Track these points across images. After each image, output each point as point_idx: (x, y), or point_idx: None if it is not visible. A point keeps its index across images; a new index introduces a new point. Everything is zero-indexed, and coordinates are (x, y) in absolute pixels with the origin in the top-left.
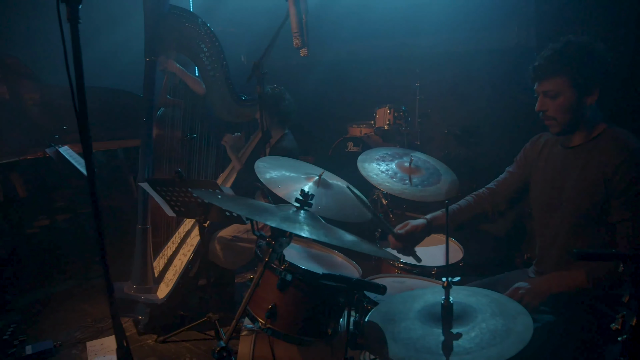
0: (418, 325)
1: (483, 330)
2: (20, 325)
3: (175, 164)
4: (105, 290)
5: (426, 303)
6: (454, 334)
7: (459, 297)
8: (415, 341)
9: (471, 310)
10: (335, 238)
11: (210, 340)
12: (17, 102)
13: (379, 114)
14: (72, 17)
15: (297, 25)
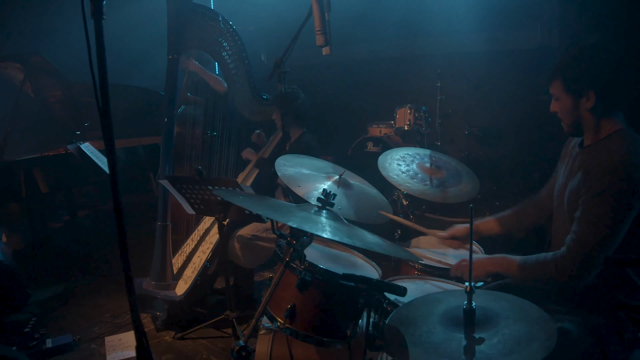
0: (440, 329)
1: (506, 336)
2: (41, 318)
3: (196, 161)
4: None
5: (448, 307)
6: (476, 339)
7: (481, 301)
8: (436, 346)
9: (493, 316)
10: (359, 239)
11: (227, 338)
12: (40, 99)
13: (399, 114)
14: (96, 13)
15: (320, 24)
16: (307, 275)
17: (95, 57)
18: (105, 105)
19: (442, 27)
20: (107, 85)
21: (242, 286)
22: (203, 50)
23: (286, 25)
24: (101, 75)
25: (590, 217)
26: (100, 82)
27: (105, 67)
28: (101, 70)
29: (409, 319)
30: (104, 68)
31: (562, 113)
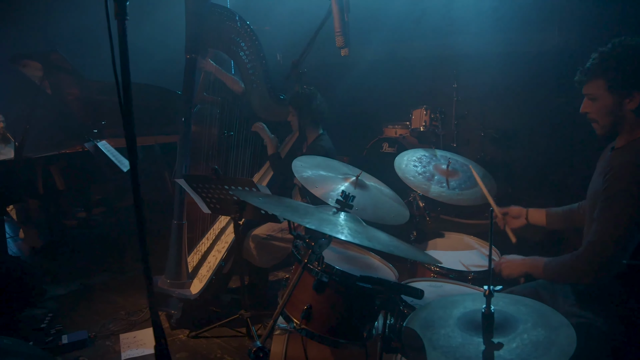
0: (458, 333)
1: (525, 341)
2: (57, 314)
3: (212, 161)
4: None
5: (466, 310)
6: (494, 344)
7: (500, 305)
8: (455, 349)
9: (512, 320)
10: (378, 242)
11: (241, 337)
12: (58, 96)
13: (415, 115)
14: (120, 13)
15: (339, 25)
16: (324, 277)
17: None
18: (127, 105)
19: (459, 28)
20: (129, 84)
21: (257, 286)
22: (220, 49)
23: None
24: (124, 74)
25: (606, 216)
26: (123, 81)
27: (128, 66)
28: (124, 70)
29: (427, 322)
30: (127, 68)
31: (597, 114)
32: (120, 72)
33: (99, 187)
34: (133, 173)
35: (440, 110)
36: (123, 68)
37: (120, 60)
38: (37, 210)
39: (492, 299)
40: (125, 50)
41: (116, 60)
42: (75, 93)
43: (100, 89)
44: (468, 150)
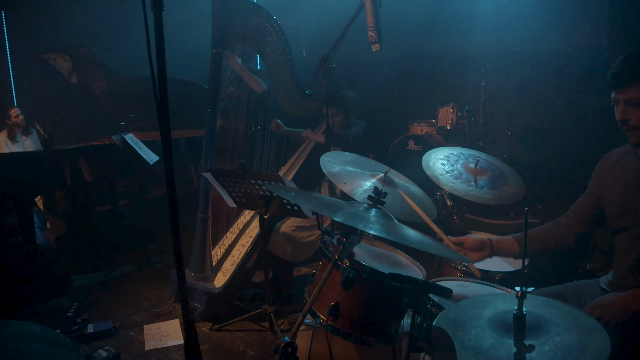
0: (489, 334)
1: (557, 344)
2: (82, 304)
3: (238, 155)
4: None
5: (496, 311)
6: (526, 347)
7: (531, 307)
8: (485, 351)
9: (544, 322)
10: (411, 239)
11: (264, 331)
12: (87, 90)
13: (441, 113)
14: (157, 5)
15: (373, 19)
16: (352, 273)
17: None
18: (163, 98)
19: (488, 25)
20: (165, 77)
21: (280, 281)
22: (247, 44)
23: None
24: (160, 67)
25: None
26: (159, 74)
27: (164, 59)
28: (160, 63)
29: (457, 322)
30: (163, 61)
31: None
32: (156, 65)
33: (124, 179)
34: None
35: (467, 109)
36: (159, 61)
37: (156, 53)
38: (63, 201)
39: (526, 300)
40: (161, 42)
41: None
42: (103, 86)
43: (127, 82)
44: (495, 150)
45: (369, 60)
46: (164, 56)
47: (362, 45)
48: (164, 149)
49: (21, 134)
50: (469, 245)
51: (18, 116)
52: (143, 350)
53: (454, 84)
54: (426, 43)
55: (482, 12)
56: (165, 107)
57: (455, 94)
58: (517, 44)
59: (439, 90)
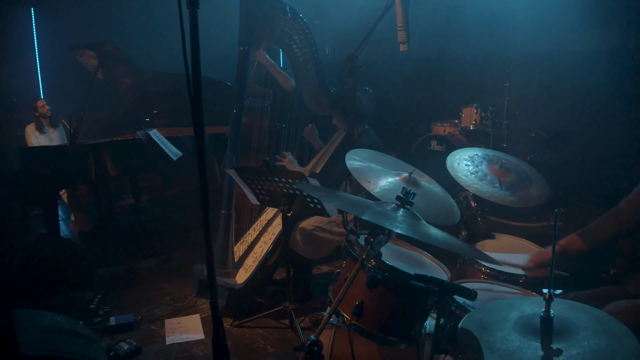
0: (515, 336)
1: (585, 348)
2: (105, 297)
3: (262, 152)
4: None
5: (523, 313)
6: (553, 350)
7: (558, 310)
8: (512, 353)
9: (571, 326)
10: (438, 239)
11: (284, 329)
12: (112, 85)
13: (465, 113)
14: (192, 3)
15: (402, 19)
16: (378, 273)
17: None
18: (197, 95)
19: (512, 25)
20: (199, 75)
21: (300, 279)
22: (273, 42)
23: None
24: (194, 65)
25: None
26: (193, 72)
27: (199, 57)
28: (194, 60)
29: (482, 324)
30: (198, 58)
31: None
32: (190, 62)
33: (147, 175)
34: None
35: (490, 109)
36: (194, 58)
37: (191, 50)
38: (87, 195)
39: (553, 304)
40: (196, 40)
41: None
42: (128, 82)
43: (152, 79)
44: (518, 151)
45: (392, 59)
46: (198, 54)
47: (385, 44)
48: (197, 145)
49: (48, 126)
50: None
51: (44, 106)
52: (164, 344)
53: (477, 84)
54: (449, 42)
55: (506, 11)
56: (199, 105)
57: (479, 95)
58: (543, 44)
59: (461, 91)
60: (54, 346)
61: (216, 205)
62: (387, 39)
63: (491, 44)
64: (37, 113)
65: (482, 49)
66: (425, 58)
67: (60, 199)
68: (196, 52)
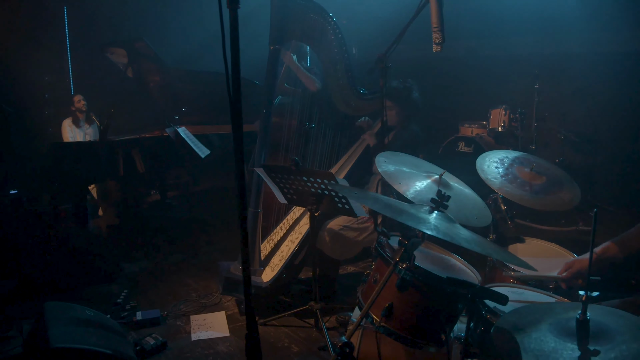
0: (550, 338)
1: (624, 352)
2: (131, 291)
3: (290, 151)
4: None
5: (557, 318)
6: (591, 351)
7: (593, 315)
8: (547, 354)
9: (608, 330)
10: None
11: (309, 328)
12: (141, 83)
13: (493, 115)
14: (233, 3)
15: (437, 20)
16: (409, 276)
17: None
18: (236, 95)
19: (543, 26)
20: (239, 74)
21: (326, 278)
22: (303, 42)
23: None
24: (234, 64)
25: None
26: (232, 71)
27: (238, 56)
28: (234, 60)
29: (517, 326)
30: (237, 57)
31: None
32: (230, 62)
33: (174, 171)
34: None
35: (520, 111)
36: (233, 58)
37: (230, 50)
38: (115, 190)
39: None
40: (236, 40)
41: (227, 51)
42: (156, 80)
43: (180, 77)
44: (547, 154)
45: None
46: (238, 53)
47: (412, 44)
48: (235, 144)
49: (84, 121)
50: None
51: (80, 101)
52: (189, 340)
53: (507, 86)
54: (478, 43)
55: (536, 13)
56: (239, 105)
57: (508, 96)
58: (574, 45)
59: (490, 92)
60: (83, 339)
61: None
62: (415, 38)
63: (521, 44)
64: (74, 107)
65: (511, 49)
66: (454, 58)
67: (89, 193)
68: (236, 52)
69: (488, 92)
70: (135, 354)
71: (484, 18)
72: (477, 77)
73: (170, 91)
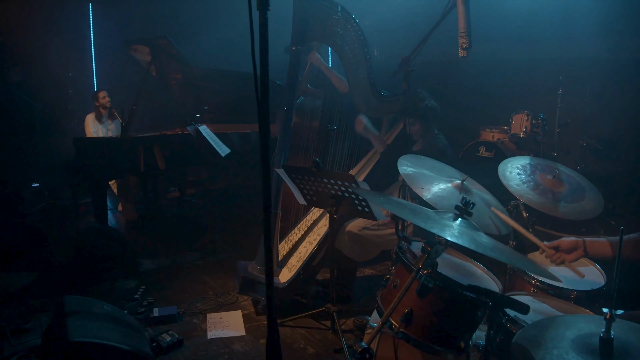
0: (572, 356)
1: None
2: (149, 287)
3: (310, 152)
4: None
5: (580, 332)
6: None
7: (617, 331)
8: None
9: (633, 350)
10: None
11: (325, 330)
12: (163, 80)
13: (515, 120)
14: (263, 5)
15: (465, 25)
16: (429, 282)
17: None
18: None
19: (566, 31)
20: (267, 75)
21: (344, 281)
22: (325, 42)
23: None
24: (262, 66)
25: None
26: (261, 73)
27: (267, 58)
28: (263, 61)
29: (537, 340)
30: (266, 59)
31: None
32: (259, 64)
33: (193, 169)
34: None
35: (542, 117)
36: (262, 59)
37: (260, 52)
38: (135, 186)
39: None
40: (265, 42)
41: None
42: (178, 78)
43: (202, 75)
44: (568, 160)
45: (442, 62)
46: (267, 55)
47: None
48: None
49: (107, 117)
50: (564, 248)
51: (105, 97)
52: (205, 339)
53: (529, 91)
54: (501, 47)
55: (560, 17)
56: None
57: (530, 101)
58: (598, 50)
59: (511, 96)
60: (101, 334)
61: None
62: (435, 41)
63: (544, 49)
64: (98, 103)
65: (533, 53)
66: (476, 61)
67: (109, 189)
68: (265, 53)
69: (510, 97)
70: (152, 350)
71: (507, 22)
72: (499, 81)
73: (191, 89)
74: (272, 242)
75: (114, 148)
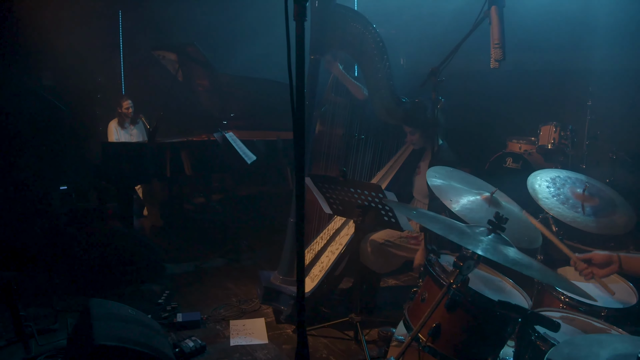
0: None
1: None
2: (173, 292)
3: (333, 160)
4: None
5: (615, 352)
6: None
7: None
8: None
9: None
10: (536, 270)
11: (348, 340)
12: (190, 87)
13: (543, 131)
14: (300, 15)
15: (499, 36)
16: (459, 296)
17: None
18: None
19: (595, 40)
20: (303, 85)
21: (367, 291)
22: (345, 51)
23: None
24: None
25: None
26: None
27: (303, 68)
28: (299, 72)
29: (571, 358)
30: (303, 69)
31: None
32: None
33: (218, 175)
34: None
35: (570, 128)
36: (298, 69)
37: (295, 61)
38: (161, 191)
39: None
40: (301, 51)
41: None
42: (205, 84)
43: (229, 82)
44: (597, 173)
45: (466, 73)
46: (303, 64)
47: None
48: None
49: (129, 123)
50: (597, 262)
51: (129, 108)
52: (228, 345)
53: (558, 102)
54: (528, 57)
55: (590, 26)
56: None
57: (559, 113)
58: (629, 59)
59: (540, 107)
60: (126, 338)
61: (284, 208)
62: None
63: (572, 59)
64: (121, 110)
65: (563, 63)
66: (503, 71)
67: (135, 193)
68: (301, 62)
69: (537, 107)
70: (174, 356)
71: (534, 30)
72: (526, 91)
73: (219, 96)
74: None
75: (141, 153)
